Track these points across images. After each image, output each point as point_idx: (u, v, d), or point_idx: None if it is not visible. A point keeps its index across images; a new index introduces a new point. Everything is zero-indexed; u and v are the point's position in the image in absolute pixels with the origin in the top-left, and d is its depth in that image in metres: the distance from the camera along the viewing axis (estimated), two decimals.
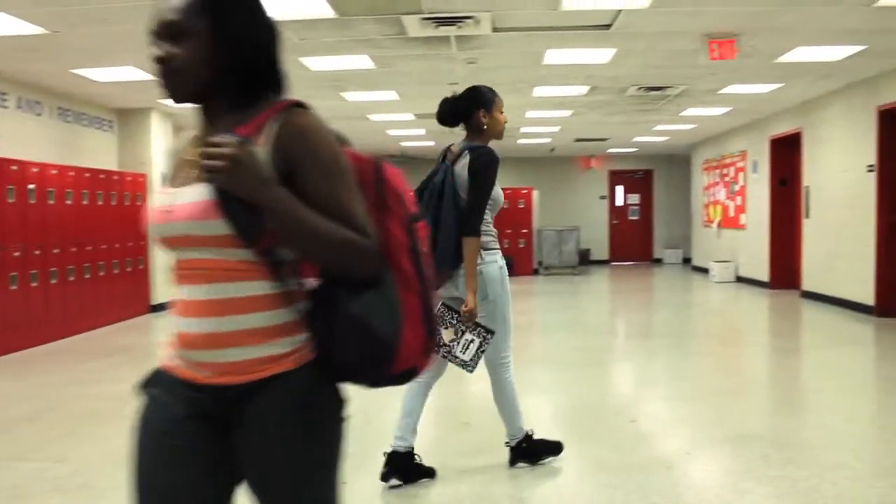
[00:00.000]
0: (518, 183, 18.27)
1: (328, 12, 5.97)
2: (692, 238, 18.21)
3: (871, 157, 9.28)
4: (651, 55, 7.78)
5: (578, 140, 16.03)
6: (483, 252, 3.64)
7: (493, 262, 3.71)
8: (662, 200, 20.19)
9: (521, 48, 7.36)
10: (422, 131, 13.97)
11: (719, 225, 15.61)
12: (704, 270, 15.76)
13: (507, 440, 3.90)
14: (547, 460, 3.93)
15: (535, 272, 16.75)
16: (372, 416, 4.49)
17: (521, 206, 16.68)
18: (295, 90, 1.63)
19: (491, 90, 4.05)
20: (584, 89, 9.73)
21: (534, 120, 12.65)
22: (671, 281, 15.53)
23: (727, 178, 15.11)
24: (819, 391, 5.77)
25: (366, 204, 1.57)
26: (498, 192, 3.75)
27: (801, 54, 7.87)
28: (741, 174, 14.26)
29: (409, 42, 6.96)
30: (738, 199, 14.44)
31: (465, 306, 3.55)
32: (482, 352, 3.64)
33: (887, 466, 3.91)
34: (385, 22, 6.34)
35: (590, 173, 20.04)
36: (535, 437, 3.91)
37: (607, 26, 6.63)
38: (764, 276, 13.07)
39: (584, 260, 18.82)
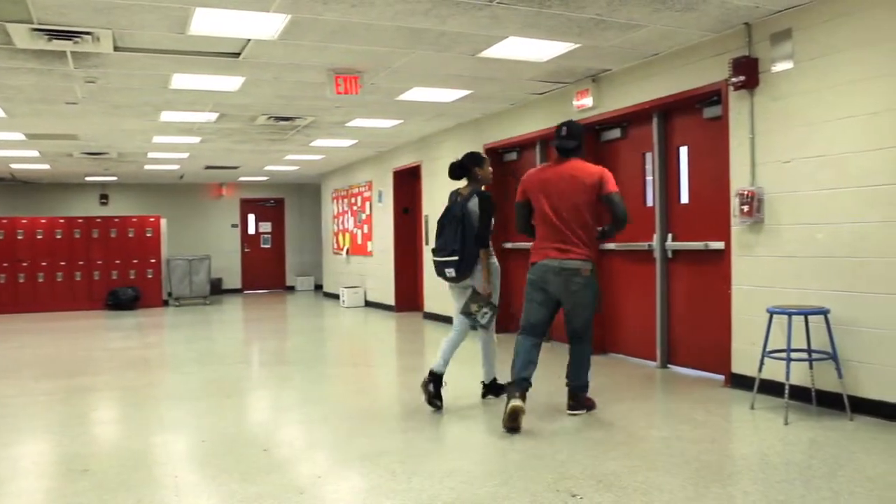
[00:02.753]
0: (145, 211, 17.48)
1: None
2: (323, 265, 18.73)
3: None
4: (280, 86, 7.91)
5: (209, 167, 15.71)
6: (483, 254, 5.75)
7: (494, 262, 5.86)
8: (294, 228, 20.51)
9: (147, 70, 7.05)
10: (34, 153, 12.72)
11: (348, 252, 16.24)
12: (336, 296, 16.26)
13: (482, 380, 6.11)
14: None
15: (165, 303, 16.05)
16: None
17: (149, 235, 15.95)
18: None
19: (482, 154, 6.17)
20: (213, 116, 9.59)
21: (161, 146, 12.16)
22: (303, 308, 15.80)
23: (355, 207, 15.79)
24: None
25: None
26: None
27: (418, 94, 8.54)
28: (368, 203, 14.99)
29: (18, 54, 6.32)
30: (366, 228, 15.16)
31: (484, 291, 5.71)
32: (493, 318, 5.75)
33: (494, 467, 4.34)
34: None
35: (221, 201, 19.76)
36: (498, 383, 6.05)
37: (236, 54, 6.61)
38: (390, 299, 13.84)
39: (216, 289, 18.47)
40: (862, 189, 5.16)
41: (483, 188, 5.97)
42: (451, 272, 5.71)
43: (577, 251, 5.19)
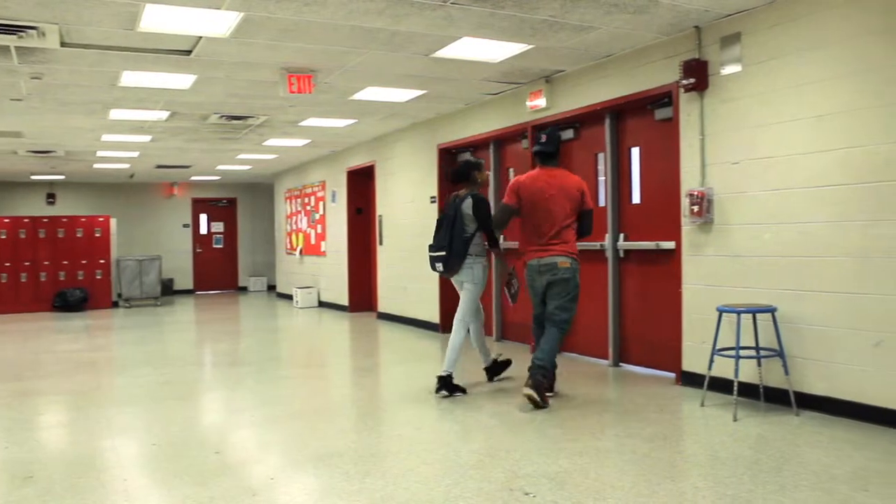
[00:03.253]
0: (94, 210, 17.19)
1: None
2: (276, 265, 18.59)
3: (434, 189, 10.33)
4: (232, 84, 7.82)
5: (160, 166, 15.49)
6: (480, 252, 6.35)
7: (485, 261, 6.41)
8: (247, 229, 20.33)
9: (95, 67, 6.92)
10: None
11: (302, 252, 16.13)
12: (289, 297, 16.15)
13: (484, 365, 6.76)
14: (503, 375, 6.75)
15: (115, 304, 15.78)
16: None
17: (98, 235, 15.68)
18: None
19: (479, 160, 6.63)
20: (164, 114, 9.45)
21: (111, 144, 11.95)
22: (257, 308, 15.65)
23: (308, 207, 15.69)
24: (394, 404, 6.24)
25: None
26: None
27: (371, 94, 8.52)
28: (321, 203, 14.91)
29: None
30: (319, 228, 15.07)
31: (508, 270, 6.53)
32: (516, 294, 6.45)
33: (448, 467, 4.34)
34: None
35: (172, 201, 19.50)
36: (499, 359, 6.80)
37: (188, 52, 6.53)
38: (344, 300, 13.78)
39: (168, 290, 18.23)
40: (808, 190, 5.28)
41: (478, 191, 6.48)
42: (440, 266, 6.34)
43: (557, 248, 5.87)
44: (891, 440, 4.59)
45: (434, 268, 6.39)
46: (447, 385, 6.18)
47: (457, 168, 6.59)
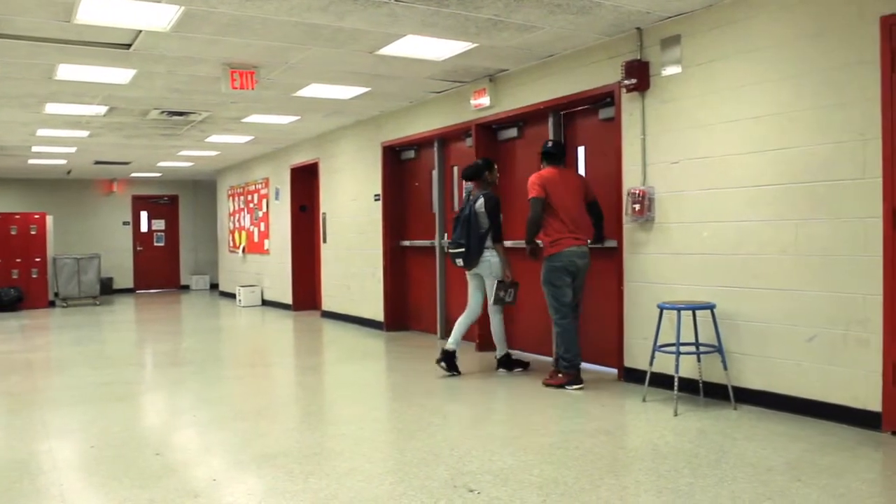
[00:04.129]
0: (30, 207, 16.75)
1: None
2: (219, 263, 18.34)
3: (378, 186, 10.30)
4: (173, 79, 7.69)
5: (98, 162, 15.15)
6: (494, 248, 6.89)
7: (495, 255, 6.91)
8: (189, 226, 20.02)
9: (29, 59, 6.73)
10: None
11: (245, 250, 15.95)
12: (232, 296, 15.96)
13: (496, 356, 7.11)
14: (517, 370, 7.05)
15: (52, 304, 15.41)
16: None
17: (34, 233, 15.28)
18: None
19: (491, 160, 7.16)
20: (102, 109, 9.25)
21: (47, 139, 11.64)
22: (199, 307, 15.43)
23: (252, 205, 15.52)
24: (338, 403, 6.21)
25: None
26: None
27: (315, 91, 8.46)
28: (264, 201, 14.76)
29: None
30: (262, 225, 14.92)
31: (505, 278, 6.85)
32: (517, 294, 6.93)
33: (392, 465, 4.35)
34: None
35: (112, 198, 19.11)
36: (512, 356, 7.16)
37: (127, 46, 6.40)
38: (288, 298, 13.67)
39: (107, 289, 17.87)
40: (744, 189, 5.40)
41: (490, 190, 6.98)
42: (459, 262, 6.95)
43: (584, 238, 6.44)
44: (823, 431, 4.72)
45: (455, 262, 7.02)
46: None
47: (470, 167, 7.07)
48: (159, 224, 19.87)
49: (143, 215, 19.69)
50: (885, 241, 4.59)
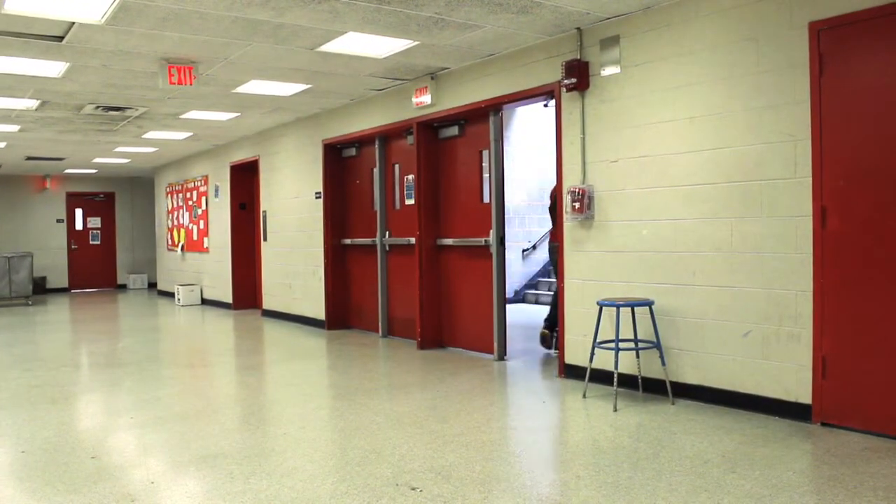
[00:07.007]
0: None
1: None
2: (157, 262, 18.03)
3: (319, 184, 10.23)
4: (109, 73, 7.52)
5: (30, 158, 14.74)
6: None
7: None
8: (126, 224, 19.64)
9: None
10: None
11: (184, 249, 15.70)
12: (171, 295, 15.69)
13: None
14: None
15: None
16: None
17: None
18: None
19: None
20: (33, 103, 9.00)
21: None
22: (136, 307, 15.12)
23: (190, 203, 15.28)
24: (279, 403, 6.15)
25: None
26: None
27: (255, 87, 8.36)
28: (204, 198, 14.54)
29: None
30: (202, 223, 14.70)
31: None
32: None
33: (334, 464, 4.32)
34: None
35: (45, 195, 18.62)
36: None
37: (59, 38, 6.23)
38: (228, 297, 13.50)
39: (40, 289, 17.43)
40: (681, 188, 5.51)
41: None
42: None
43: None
44: (757, 424, 4.84)
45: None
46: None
47: None
48: (95, 222, 19.44)
49: (79, 213, 19.24)
50: (814, 238, 4.73)
